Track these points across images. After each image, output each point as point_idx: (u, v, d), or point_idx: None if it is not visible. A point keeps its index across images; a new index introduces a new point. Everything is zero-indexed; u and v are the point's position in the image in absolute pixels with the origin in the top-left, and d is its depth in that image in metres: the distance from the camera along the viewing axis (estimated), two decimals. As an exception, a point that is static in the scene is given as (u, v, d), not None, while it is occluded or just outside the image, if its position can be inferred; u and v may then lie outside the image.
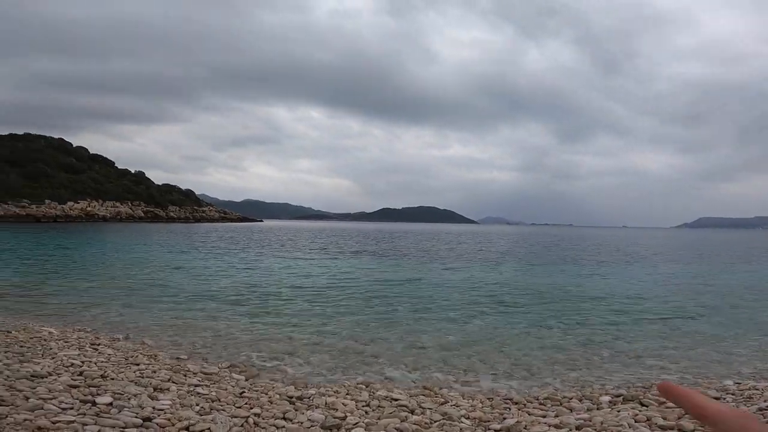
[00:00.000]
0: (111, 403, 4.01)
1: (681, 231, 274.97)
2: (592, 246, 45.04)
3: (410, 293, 13.20)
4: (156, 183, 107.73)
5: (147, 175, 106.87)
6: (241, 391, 5.02)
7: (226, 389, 5.02)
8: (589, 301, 12.58)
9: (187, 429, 3.73)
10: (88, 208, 79.78)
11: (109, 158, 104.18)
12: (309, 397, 4.88)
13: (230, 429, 3.78)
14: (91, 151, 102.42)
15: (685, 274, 20.50)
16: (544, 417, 4.68)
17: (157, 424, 3.72)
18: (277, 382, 5.65)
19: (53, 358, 5.41)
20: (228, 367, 6.13)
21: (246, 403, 4.56)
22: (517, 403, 5.16)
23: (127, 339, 7.47)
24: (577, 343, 8.02)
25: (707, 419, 0.65)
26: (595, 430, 4.28)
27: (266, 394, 4.98)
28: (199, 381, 5.24)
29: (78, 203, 79.03)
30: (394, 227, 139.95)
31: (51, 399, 3.91)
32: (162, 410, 4.03)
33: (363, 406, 4.79)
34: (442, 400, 5.17)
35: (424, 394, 5.36)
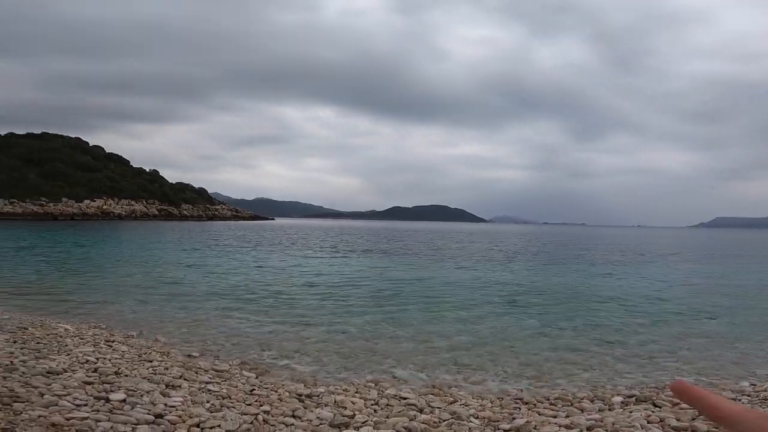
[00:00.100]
0: (124, 400, 4.07)
1: (697, 230, 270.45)
2: (606, 245, 44.53)
3: (421, 292, 13.18)
4: (170, 181, 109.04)
5: (161, 174, 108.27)
6: (252, 388, 5.06)
7: (236, 386, 5.07)
8: (602, 301, 12.44)
9: (197, 426, 3.77)
10: (104, 206, 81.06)
11: (124, 157, 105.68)
12: (318, 395, 4.91)
13: (240, 426, 3.81)
14: (107, 150, 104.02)
15: (700, 274, 20.17)
16: (555, 417, 4.64)
17: (169, 421, 3.77)
18: (287, 380, 5.69)
19: (69, 354, 5.51)
20: (239, 365, 6.19)
21: (256, 401, 4.60)
22: (527, 403, 5.13)
23: (140, 336, 7.58)
24: (590, 344, 7.94)
25: (724, 420, 0.62)
26: (607, 430, 4.23)
27: (276, 391, 5.02)
28: (210, 378, 5.29)
29: (94, 201, 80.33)
30: (404, 226, 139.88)
31: (66, 395, 3.98)
32: (173, 407, 4.09)
33: (372, 404, 4.80)
34: (451, 399, 5.15)
35: (433, 393, 5.35)
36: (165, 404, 4.12)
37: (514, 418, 4.54)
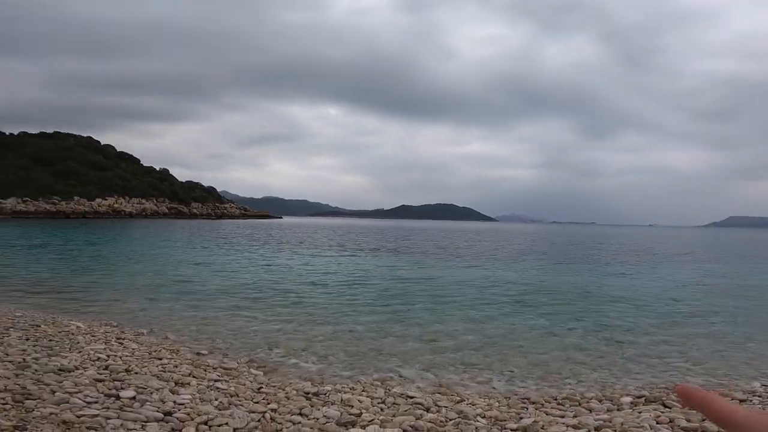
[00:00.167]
0: (134, 397, 4.12)
1: (710, 230, 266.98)
2: (616, 245, 44.14)
3: (428, 291, 13.17)
4: (179, 180, 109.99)
5: (171, 173, 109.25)
6: (259, 386, 5.09)
7: (244, 384, 5.11)
8: (612, 300, 12.34)
9: (205, 423, 3.80)
10: (115, 205, 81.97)
11: (135, 156, 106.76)
12: (325, 394, 4.93)
13: (247, 424, 3.84)
14: (118, 149, 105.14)
15: (712, 274, 19.92)
16: (563, 417, 4.62)
17: (177, 419, 3.81)
18: (294, 378, 5.72)
19: (80, 352, 5.58)
20: (247, 363, 6.23)
21: (263, 399, 4.63)
22: (534, 403, 5.11)
23: (150, 333, 7.65)
24: (599, 344, 7.88)
25: (731, 426, 0.59)
26: (615, 430, 4.20)
27: (283, 389, 5.05)
28: (219, 376, 5.34)
29: (106, 200, 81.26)
30: (412, 224, 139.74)
31: (77, 393, 4.03)
32: (182, 405, 4.13)
33: (378, 403, 4.81)
34: (458, 398, 5.15)
35: (440, 392, 5.35)
36: (174, 402, 4.16)
37: (521, 418, 4.52)
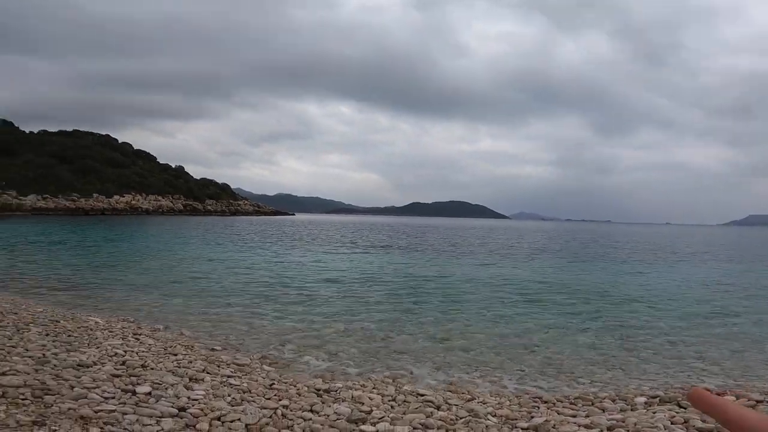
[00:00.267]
0: (150, 393, 4.20)
1: (729, 228, 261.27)
2: (633, 243, 43.49)
3: (440, 289, 13.15)
4: (194, 177, 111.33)
5: (186, 170, 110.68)
6: (271, 382, 5.15)
7: (256, 380, 5.17)
8: (628, 300, 12.18)
9: (218, 419, 3.87)
10: (133, 202, 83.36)
11: (151, 153, 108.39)
12: (336, 390, 4.97)
13: (259, 420, 3.90)
14: (135, 146, 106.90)
15: (732, 274, 19.52)
16: (575, 417, 4.59)
17: (191, 414, 3.87)
18: (306, 375, 5.77)
19: (98, 347, 5.70)
20: (259, 359, 6.31)
21: (275, 395, 4.69)
22: (546, 402, 5.09)
23: (166, 329, 7.79)
24: (613, 343, 7.80)
25: (742, 431, 0.58)
26: (628, 431, 4.16)
27: (295, 386, 5.10)
28: (232, 372, 5.41)
29: (123, 197, 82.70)
30: (424, 222, 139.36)
31: (94, 388, 4.13)
32: (196, 400, 4.20)
33: (389, 400, 4.83)
34: (469, 396, 5.15)
35: (450, 390, 5.36)
36: (188, 397, 4.23)
37: (532, 417, 4.51)
